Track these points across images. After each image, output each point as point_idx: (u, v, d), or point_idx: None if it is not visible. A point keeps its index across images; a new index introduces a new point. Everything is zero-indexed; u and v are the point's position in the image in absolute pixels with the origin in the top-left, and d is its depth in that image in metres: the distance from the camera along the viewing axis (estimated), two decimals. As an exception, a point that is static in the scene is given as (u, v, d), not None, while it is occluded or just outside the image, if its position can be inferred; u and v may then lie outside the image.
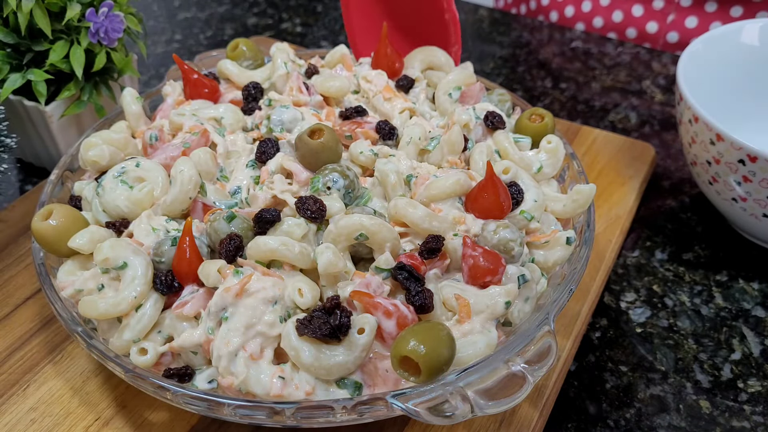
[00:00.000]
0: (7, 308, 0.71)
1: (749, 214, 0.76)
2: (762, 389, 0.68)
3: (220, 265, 0.56)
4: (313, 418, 0.51)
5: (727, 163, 0.73)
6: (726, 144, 0.71)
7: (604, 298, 0.77)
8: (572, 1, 1.27)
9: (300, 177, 0.63)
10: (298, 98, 0.73)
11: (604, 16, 1.24)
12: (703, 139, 0.75)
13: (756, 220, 0.76)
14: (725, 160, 0.73)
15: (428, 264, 0.58)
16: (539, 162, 0.68)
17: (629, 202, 0.84)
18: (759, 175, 0.71)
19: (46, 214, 0.61)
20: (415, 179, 0.63)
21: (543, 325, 0.55)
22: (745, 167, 0.71)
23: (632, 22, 1.22)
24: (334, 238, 0.57)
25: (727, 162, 0.73)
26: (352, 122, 0.69)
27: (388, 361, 0.53)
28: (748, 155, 0.70)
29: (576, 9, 1.27)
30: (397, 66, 0.78)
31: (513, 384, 0.51)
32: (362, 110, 0.71)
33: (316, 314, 0.52)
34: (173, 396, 0.53)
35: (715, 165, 0.75)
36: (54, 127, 0.83)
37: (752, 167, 0.71)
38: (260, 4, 1.36)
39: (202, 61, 0.86)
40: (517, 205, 0.63)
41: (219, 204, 0.64)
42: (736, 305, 0.76)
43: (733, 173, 0.73)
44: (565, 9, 1.28)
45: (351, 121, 0.70)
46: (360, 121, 0.69)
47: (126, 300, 0.56)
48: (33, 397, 0.63)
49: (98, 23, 0.79)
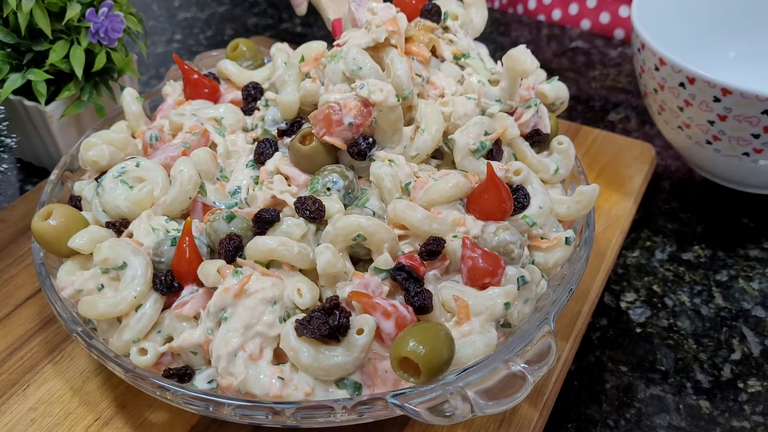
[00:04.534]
0: (7, 308, 0.71)
1: (694, 142, 0.80)
2: (762, 389, 0.68)
3: (219, 265, 0.56)
4: (313, 418, 0.51)
5: (670, 88, 0.77)
6: (668, 68, 0.76)
7: (604, 298, 0.77)
8: (559, 4, 1.27)
9: (298, 180, 0.63)
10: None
11: (591, 19, 1.24)
12: (649, 66, 0.79)
13: (698, 146, 0.80)
14: (668, 85, 0.77)
15: (428, 265, 0.58)
16: (555, 164, 0.68)
17: (629, 202, 0.84)
18: (698, 97, 0.74)
19: (46, 214, 0.61)
20: (413, 184, 0.62)
21: (543, 325, 0.55)
22: (686, 90, 0.75)
23: (619, 23, 1.22)
24: (332, 239, 0.57)
25: (669, 87, 0.77)
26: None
27: (387, 361, 0.53)
28: (687, 77, 0.74)
29: (563, 12, 1.27)
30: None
31: (513, 384, 0.51)
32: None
33: (315, 315, 0.52)
34: (173, 396, 0.53)
35: (660, 92, 0.79)
36: (54, 127, 0.83)
37: (691, 89, 0.75)
38: (260, 4, 1.36)
39: (202, 61, 0.86)
40: (522, 210, 0.62)
41: (219, 204, 0.64)
42: (736, 305, 0.76)
43: (675, 98, 0.77)
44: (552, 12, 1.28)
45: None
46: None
47: (126, 300, 0.56)
48: (33, 397, 0.63)
49: (98, 23, 0.79)
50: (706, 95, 0.75)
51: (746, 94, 0.72)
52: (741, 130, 0.75)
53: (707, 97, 0.75)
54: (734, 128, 0.76)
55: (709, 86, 0.74)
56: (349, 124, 0.61)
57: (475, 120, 0.63)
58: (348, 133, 0.62)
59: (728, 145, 0.78)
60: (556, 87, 0.72)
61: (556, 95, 0.72)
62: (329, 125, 0.62)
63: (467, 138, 0.62)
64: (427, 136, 0.63)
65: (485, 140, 0.62)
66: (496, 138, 0.63)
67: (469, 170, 0.62)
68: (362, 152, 0.63)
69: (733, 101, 0.73)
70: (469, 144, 0.62)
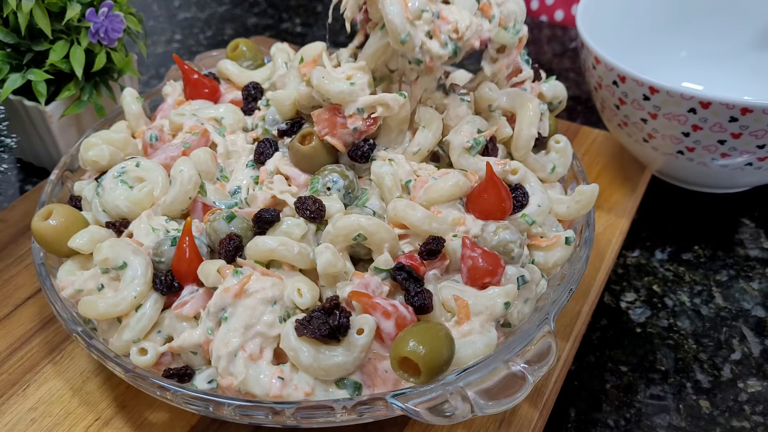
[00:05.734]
0: (7, 308, 0.71)
1: (634, 140, 0.81)
2: (762, 389, 0.68)
3: (219, 265, 0.56)
4: (313, 418, 0.51)
5: (606, 86, 0.78)
6: (602, 66, 0.77)
7: (604, 298, 0.77)
8: (561, 5, 1.27)
9: (298, 180, 0.63)
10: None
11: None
12: (588, 65, 0.82)
13: (638, 144, 0.81)
14: (604, 83, 0.78)
15: (428, 265, 0.58)
16: (552, 162, 0.68)
17: (629, 202, 0.84)
18: (630, 95, 0.75)
19: (46, 214, 0.61)
20: (413, 183, 0.62)
21: (543, 325, 0.55)
22: (619, 88, 0.76)
23: None
24: (332, 238, 0.57)
25: (605, 85, 0.78)
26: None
27: (387, 361, 0.53)
28: (619, 75, 0.75)
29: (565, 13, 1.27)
30: None
31: (513, 384, 0.51)
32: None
33: (315, 315, 0.52)
34: (173, 396, 0.53)
35: (599, 90, 0.81)
36: (54, 127, 0.83)
37: (624, 87, 0.75)
38: (260, 4, 1.36)
39: (202, 61, 0.86)
40: (521, 209, 0.62)
41: (219, 204, 0.64)
42: (736, 305, 0.76)
43: (611, 96, 0.78)
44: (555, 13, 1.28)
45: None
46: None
47: (126, 300, 0.56)
48: (33, 397, 0.63)
49: (98, 23, 0.79)
50: (636, 93, 0.75)
51: (672, 93, 0.72)
52: (671, 129, 0.75)
53: (638, 95, 0.75)
54: (665, 126, 0.76)
55: (638, 84, 0.74)
56: (354, 129, 0.61)
57: (467, 119, 0.65)
58: (350, 137, 0.62)
59: (663, 143, 0.78)
60: (554, 87, 0.73)
61: (554, 95, 0.73)
62: (333, 126, 0.62)
63: (461, 137, 0.63)
64: (428, 133, 0.64)
65: (479, 137, 0.63)
66: (491, 135, 0.64)
67: (467, 168, 0.63)
68: (365, 154, 0.63)
69: (661, 99, 0.73)
70: (463, 142, 0.63)
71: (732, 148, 0.74)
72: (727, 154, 0.75)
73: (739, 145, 0.74)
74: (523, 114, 0.66)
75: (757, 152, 0.74)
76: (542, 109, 0.68)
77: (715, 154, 0.76)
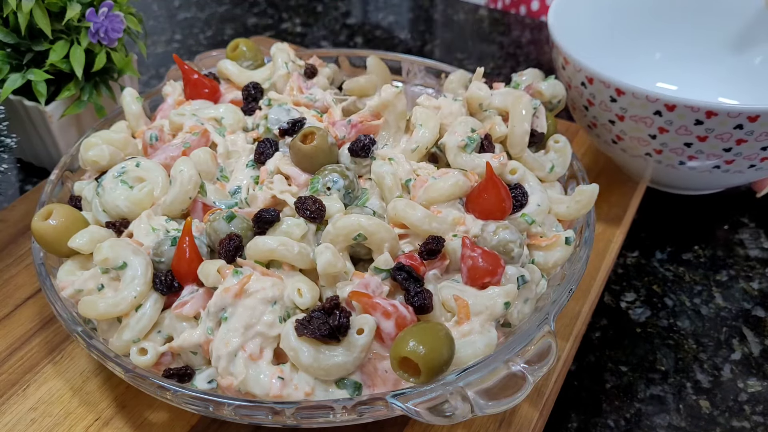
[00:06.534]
0: (7, 308, 0.71)
1: (603, 141, 0.81)
2: (762, 389, 0.68)
3: (219, 265, 0.56)
4: (313, 418, 0.51)
5: (575, 87, 0.78)
6: (571, 67, 0.77)
7: (604, 298, 0.77)
8: None
9: (298, 180, 0.63)
10: (298, 98, 0.73)
11: None
12: (558, 65, 0.81)
13: (607, 145, 0.81)
14: (573, 84, 0.78)
15: (428, 265, 0.58)
16: (551, 162, 0.68)
17: (629, 202, 0.83)
18: (598, 97, 0.75)
19: (46, 214, 0.61)
20: (413, 182, 0.62)
21: (543, 325, 0.55)
22: (587, 89, 0.76)
23: None
24: (332, 238, 0.57)
25: (575, 86, 0.78)
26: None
27: (387, 361, 0.53)
28: (587, 76, 0.75)
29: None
30: None
31: (513, 384, 0.51)
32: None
33: (315, 315, 0.52)
34: (173, 396, 0.53)
35: (569, 90, 0.80)
36: (54, 127, 0.83)
37: (591, 89, 0.75)
38: (260, 4, 1.36)
39: (202, 61, 0.86)
40: (521, 208, 0.62)
41: (219, 204, 0.64)
42: (736, 305, 0.76)
43: (580, 97, 0.78)
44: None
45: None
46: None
47: (126, 300, 0.56)
48: (33, 397, 0.63)
49: (98, 23, 0.79)
50: (603, 95, 0.74)
51: (637, 94, 0.71)
52: (638, 131, 0.74)
53: (605, 96, 0.74)
54: (632, 128, 0.75)
55: (605, 86, 0.73)
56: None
57: (460, 120, 0.66)
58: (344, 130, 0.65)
59: (631, 145, 0.77)
60: (553, 86, 0.73)
61: (553, 94, 0.73)
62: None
63: (455, 137, 0.64)
64: (425, 131, 0.66)
65: (473, 135, 0.64)
66: (485, 132, 0.66)
67: (464, 167, 0.64)
68: (365, 147, 0.64)
69: (627, 101, 0.72)
70: (458, 141, 0.64)
71: (699, 151, 0.73)
72: (694, 156, 0.74)
73: (706, 148, 0.72)
74: (515, 110, 0.67)
75: (723, 155, 0.73)
76: (535, 104, 0.68)
77: (682, 156, 0.75)
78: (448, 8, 1.34)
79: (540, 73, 0.77)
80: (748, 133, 0.70)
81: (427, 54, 1.20)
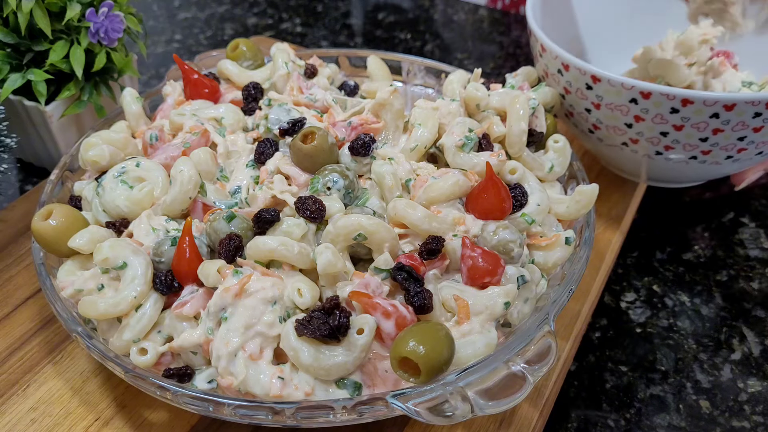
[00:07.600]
0: (7, 308, 0.71)
1: (580, 130, 0.80)
2: (762, 389, 0.68)
3: (219, 265, 0.56)
4: (313, 418, 0.51)
5: (552, 75, 0.77)
6: (548, 54, 0.76)
7: (604, 298, 0.77)
8: None
9: (299, 180, 0.63)
10: (298, 98, 0.73)
11: None
12: (535, 53, 0.80)
13: (585, 135, 0.80)
14: (550, 71, 0.77)
15: (428, 265, 0.58)
16: (550, 162, 0.69)
17: (629, 202, 0.84)
18: (574, 85, 0.74)
19: (46, 214, 0.61)
20: (413, 182, 0.63)
21: (543, 325, 0.55)
22: (563, 77, 0.75)
23: None
24: (332, 238, 0.57)
25: (551, 73, 0.77)
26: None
27: (387, 361, 0.53)
28: (563, 63, 0.74)
29: None
30: None
31: (513, 384, 0.51)
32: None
33: (315, 314, 0.52)
34: (173, 396, 0.53)
35: (546, 79, 0.80)
36: (54, 127, 0.83)
37: (568, 76, 0.74)
38: (260, 4, 1.36)
39: (202, 61, 0.86)
40: (520, 208, 0.63)
41: (219, 204, 0.64)
42: (736, 305, 0.76)
43: (557, 84, 0.77)
44: None
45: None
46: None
47: (126, 300, 0.56)
48: (33, 397, 0.63)
49: (98, 23, 0.79)
50: (579, 82, 0.73)
51: (612, 82, 0.70)
52: (614, 119, 0.73)
53: (581, 84, 0.73)
54: (608, 117, 0.74)
55: (581, 73, 0.72)
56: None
57: (458, 120, 0.67)
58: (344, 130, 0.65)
59: (607, 134, 0.76)
60: (543, 93, 0.76)
61: (544, 101, 0.75)
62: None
63: (453, 137, 0.65)
64: (424, 130, 0.66)
65: (470, 134, 0.65)
66: (482, 132, 0.66)
67: (463, 166, 0.64)
68: (366, 145, 0.64)
69: (603, 89, 0.71)
70: (455, 141, 0.64)
71: (675, 140, 0.72)
72: (670, 146, 0.73)
73: (682, 137, 0.71)
74: (512, 110, 0.67)
75: (700, 145, 0.72)
76: (533, 104, 0.68)
77: (658, 146, 0.74)
78: (448, 8, 1.34)
79: (533, 70, 0.77)
80: (724, 123, 0.69)
81: (427, 54, 1.20)
